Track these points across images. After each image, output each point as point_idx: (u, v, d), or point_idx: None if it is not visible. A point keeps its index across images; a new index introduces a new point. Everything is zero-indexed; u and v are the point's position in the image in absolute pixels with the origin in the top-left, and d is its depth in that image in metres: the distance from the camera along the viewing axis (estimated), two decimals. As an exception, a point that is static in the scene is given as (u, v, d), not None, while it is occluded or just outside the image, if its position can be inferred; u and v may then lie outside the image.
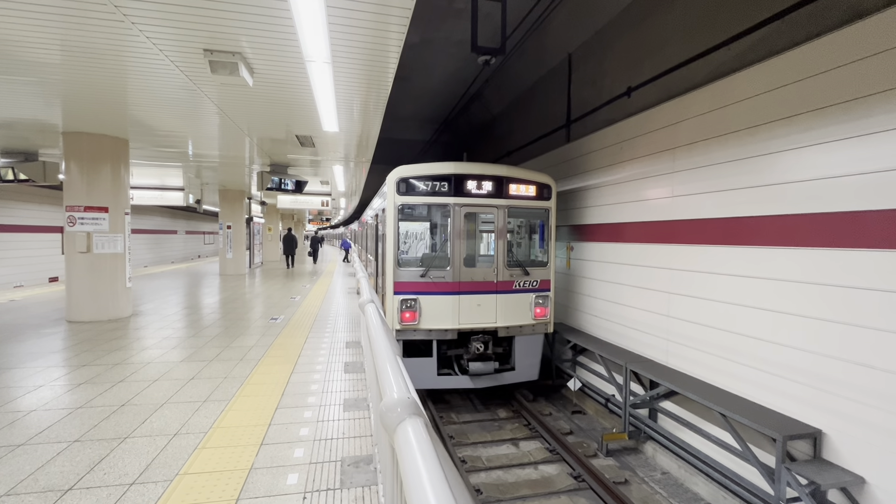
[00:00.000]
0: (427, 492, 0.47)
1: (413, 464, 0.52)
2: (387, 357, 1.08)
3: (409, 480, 0.49)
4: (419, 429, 0.62)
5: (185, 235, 31.95)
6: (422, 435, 0.59)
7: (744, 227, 4.52)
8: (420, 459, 0.52)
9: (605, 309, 6.95)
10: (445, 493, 0.46)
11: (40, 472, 2.63)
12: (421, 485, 0.48)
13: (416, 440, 0.57)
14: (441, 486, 0.47)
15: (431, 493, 0.46)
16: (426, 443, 0.57)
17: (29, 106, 5.60)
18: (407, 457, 0.54)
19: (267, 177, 9.37)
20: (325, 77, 4.45)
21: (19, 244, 15.04)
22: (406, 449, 0.57)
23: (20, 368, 4.53)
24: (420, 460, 0.52)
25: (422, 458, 0.52)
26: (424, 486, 0.47)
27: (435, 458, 0.53)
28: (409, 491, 0.48)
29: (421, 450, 0.55)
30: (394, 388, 0.81)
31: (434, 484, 0.47)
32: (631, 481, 5.06)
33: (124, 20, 3.38)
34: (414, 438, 0.58)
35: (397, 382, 0.84)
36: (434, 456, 0.54)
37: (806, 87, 3.93)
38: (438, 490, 0.46)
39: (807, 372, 3.92)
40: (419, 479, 0.49)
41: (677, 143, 5.41)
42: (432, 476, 0.49)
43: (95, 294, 6.94)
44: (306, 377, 4.42)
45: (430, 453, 0.54)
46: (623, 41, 6.67)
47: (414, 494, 0.47)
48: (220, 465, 2.73)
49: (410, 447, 0.56)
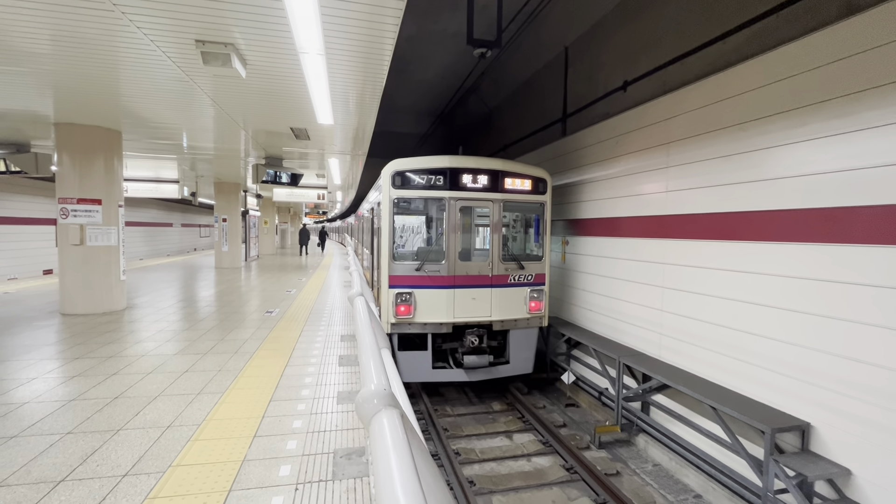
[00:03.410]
0: (396, 486, 0.47)
1: (385, 455, 0.53)
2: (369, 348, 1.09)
3: (380, 473, 0.50)
4: (394, 420, 0.63)
5: (181, 228, 31.77)
6: (396, 427, 0.60)
7: (735, 222, 4.55)
8: (392, 452, 0.53)
9: (600, 303, 6.99)
10: (414, 486, 0.47)
11: (33, 463, 2.64)
12: (390, 478, 0.49)
13: (389, 432, 0.58)
14: (410, 480, 0.48)
15: (400, 487, 0.47)
16: (399, 435, 0.58)
17: (20, 96, 5.54)
18: (379, 449, 0.55)
19: (262, 169, 9.32)
20: (319, 69, 4.42)
21: (13, 236, 14.92)
22: (379, 440, 0.57)
23: (13, 361, 4.52)
24: (392, 452, 0.53)
25: (394, 451, 0.53)
26: (393, 480, 0.48)
27: (407, 451, 0.53)
28: (378, 484, 0.49)
29: (394, 441, 0.55)
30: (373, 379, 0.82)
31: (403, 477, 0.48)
32: (622, 473, 5.12)
33: (114, 10, 3.34)
34: (388, 430, 0.58)
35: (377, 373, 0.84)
36: (406, 448, 0.54)
37: (800, 82, 3.94)
38: (407, 484, 0.47)
39: (795, 365, 3.96)
40: (389, 472, 0.49)
41: (671, 138, 5.42)
42: (402, 469, 0.49)
43: (89, 287, 6.92)
44: (300, 370, 4.43)
45: (402, 445, 0.55)
46: (620, 35, 6.64)
47: (382, 487, 0.48)
48: (213, 457, 2.75)
49: (384, 439, 0.57)
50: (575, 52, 7.91)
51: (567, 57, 8.12)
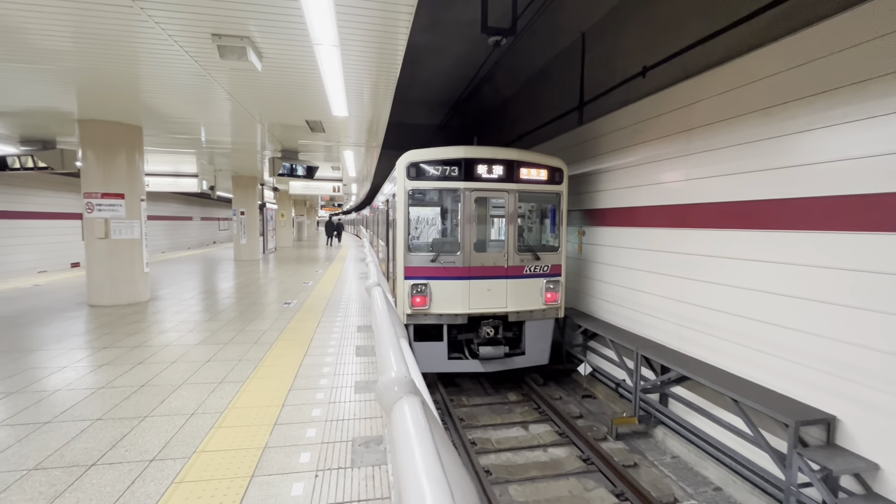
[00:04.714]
0: (419, 471, 0.47)
1: (406, 441, 0.53)
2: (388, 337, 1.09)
3: (402, 459, 0.50)
4: (415, 407, 0.62)
5: (201, 222, 32.41)
6: (417, 413, 0.60)
7: (760, 210, 4.41)
8: (414, 438, 0.53)
9: (617, 294, 6.90)
10: (437, 472, 0.47)
11: (66, 447, 2.75)
12: (413, 463, 0.48)
13: (411, 418, 0.58)
14: (433, 466, 0.48)
15: (423, 473, 0.46)
16: (421, 421, 0.58)
17: (44, 94, 5.69)
18: (401, 435, 0.55)
19: (279, 163, 9.41)
20: (334, 60, 4.42)
21: (42, 231, 15.44)
22: (401, 427, 0.57)
23: (46, 350, 4.70)
24: (414, 439, 0.53)
25: (416, 437, 0.53)
26: (416, 465, 0.48)
27: (429, 437, 0.53)
28: (401, 469, 0.48)
29: (416, 428, 0.55)
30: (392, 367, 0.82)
31: (426, 462, 0.48)
32: (640, 465, 5.08)
33: (132, 5, 3.38)
34: (410, 417, 0.58)
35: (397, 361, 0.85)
36: (428, 434, 0.54)
37: (831, 63, 3.77)
38: (430, 468, 0.47)
39: (822, 357, 3.85)
40: (411, 458, 0.49)
41: (693, 125, 5.27)
42: (425, 454, 0.49)
43: (114, 279, 7.12)
44: (318, 360, 4.50)
45: (424, 431, 0.54)
46: (638, 19, 6.46)
47: (405, 473, 0.48)
48: (236, 444, 2.82)
49: (405, 425, 0.57)
50: (592, 38, 7.73)
51: (584, 43, 7.94)
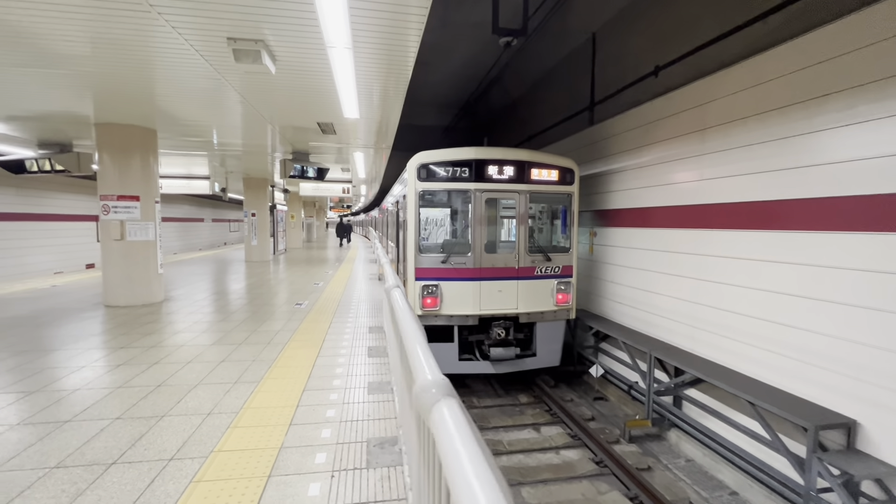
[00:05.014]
0: (467, 471, 0.47)
1: (451, 444, 0.53)
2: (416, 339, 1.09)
3: (449, 461, 0.50)
4: (455, 409, 0.63)
5: (212, 223, 32.79)
6: (458, 415, 0.60)
7: (779, 210, 4.35)
8: (458, 440, 0.53)
9: (629, 295, 6.84)
10: (486, 472, 0.47)
11: (86, 446, 2.79)
12: (460, 465, 0.48)
13: (452, 420, 0.58)
14: (481, 466, 0.48)
15: (472, 473, 0.46)
16: (463, 423, 0.58)
17: (62, 98, 5.79)
18: (444, 437, 0.55)
19: (290, 164, 9.49)
20: (346, 63, 4.44)
21: (57, 232, 15.73)
22: (443, 429, 0.57)
23: (64, 350, 4.78)
24: (458, 440, 0.53)
25: (460, 439, 0.53)
26: (464, 466, 0.48)
27: (473, 438, 0.53)
28: (450, 471, 0.48)
29: (458, 430, 0.55)
30: (426, 370, 0.82)
31: (474, 463, 0.48)
32: (654, 468, 5.03)
33: (151, 10, 3.43)
34: (450, 419, 0.58)
35: (429, 364, 0.85)
36: (472, 436, 0.54)
37: (850, 61, 3.71)
38: (479, 469, 0.47)
39: (842, 361, 3.78)
40: (458, 459, 0.49)
41: (708, 124, 5.22)
42: (472, 455, 0.49)
43: (130, 280, 7.22)
44: (331, 361, 4.52)
45: (467, 433, 0.54)
46: (650, 18, 6.42)
47: (454, 474, 0.48)
48: (252, 444, 2.84)
49: (447, 427, 0.57)
50: (603, 38, 7.70)
51: (594, 43, 7.90)
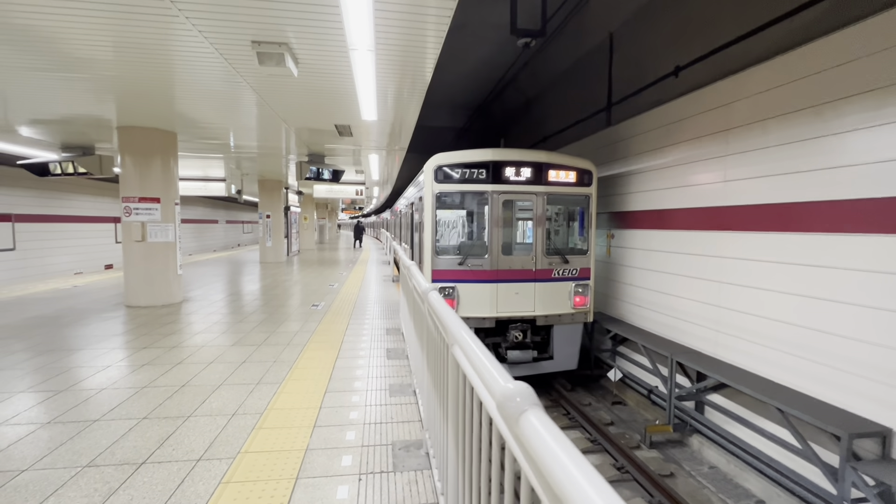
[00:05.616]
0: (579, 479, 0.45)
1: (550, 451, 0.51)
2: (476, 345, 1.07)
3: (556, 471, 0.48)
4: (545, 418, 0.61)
5: (226, 225, 33.20)
6: (550, 424, 0.58)
7: (807, 212, 4.25)
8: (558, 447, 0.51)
9: (649, 298, 6.75)
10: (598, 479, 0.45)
11: (115, 445, 2.82)
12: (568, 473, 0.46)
13: (546, 430, 0.56)
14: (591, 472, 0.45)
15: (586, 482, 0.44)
16: (556, 431, 0.56)
17: (85, 102, 5.90)
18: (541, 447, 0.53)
19: (306, 166, 9.56)
20: (368, 65, 4.46)
21: (78, 233, 16.06)
22: (537, 439, 0.55)
23: (89, 349, 4.85)
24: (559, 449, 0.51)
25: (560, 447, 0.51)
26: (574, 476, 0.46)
27: (572, 446, 0.51)
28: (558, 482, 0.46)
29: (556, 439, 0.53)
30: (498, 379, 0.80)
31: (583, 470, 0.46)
32: (677, 474, 4.94)
33: (178, 14, 3.47)
34: (543, 428, 0.56)
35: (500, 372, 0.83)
36: (570, 443, 0.52)
37: (881, 60, 3.61)
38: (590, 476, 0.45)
39: (876, 367, 3.67)
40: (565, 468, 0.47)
41: (732, 125, 5.12)
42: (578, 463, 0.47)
43: (150, 281, 7.33)
44: (351, 362, 4.52)
45: (565, 441, 0.52)
46: (670, 17, 6.33)
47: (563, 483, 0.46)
48: (278, 445, 2.84)
49: (541, 437, 0.55)
50: (620, 38, 7.62)
51: (612, 43, 7.83)
